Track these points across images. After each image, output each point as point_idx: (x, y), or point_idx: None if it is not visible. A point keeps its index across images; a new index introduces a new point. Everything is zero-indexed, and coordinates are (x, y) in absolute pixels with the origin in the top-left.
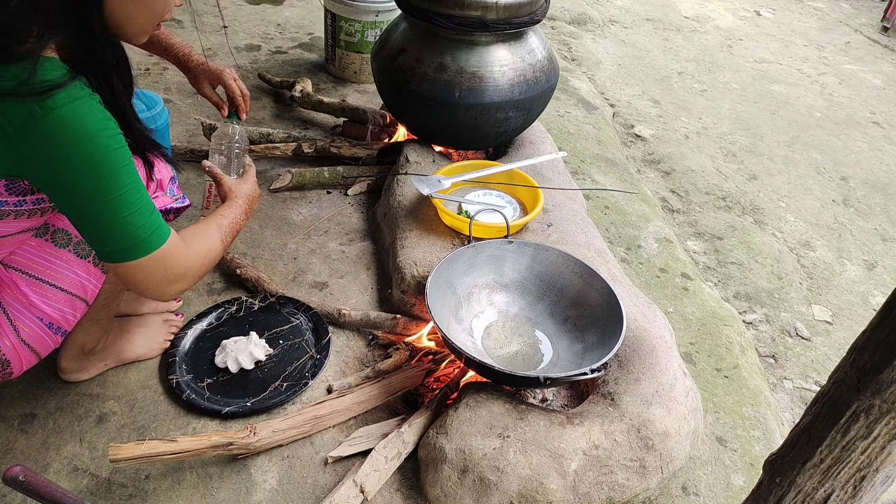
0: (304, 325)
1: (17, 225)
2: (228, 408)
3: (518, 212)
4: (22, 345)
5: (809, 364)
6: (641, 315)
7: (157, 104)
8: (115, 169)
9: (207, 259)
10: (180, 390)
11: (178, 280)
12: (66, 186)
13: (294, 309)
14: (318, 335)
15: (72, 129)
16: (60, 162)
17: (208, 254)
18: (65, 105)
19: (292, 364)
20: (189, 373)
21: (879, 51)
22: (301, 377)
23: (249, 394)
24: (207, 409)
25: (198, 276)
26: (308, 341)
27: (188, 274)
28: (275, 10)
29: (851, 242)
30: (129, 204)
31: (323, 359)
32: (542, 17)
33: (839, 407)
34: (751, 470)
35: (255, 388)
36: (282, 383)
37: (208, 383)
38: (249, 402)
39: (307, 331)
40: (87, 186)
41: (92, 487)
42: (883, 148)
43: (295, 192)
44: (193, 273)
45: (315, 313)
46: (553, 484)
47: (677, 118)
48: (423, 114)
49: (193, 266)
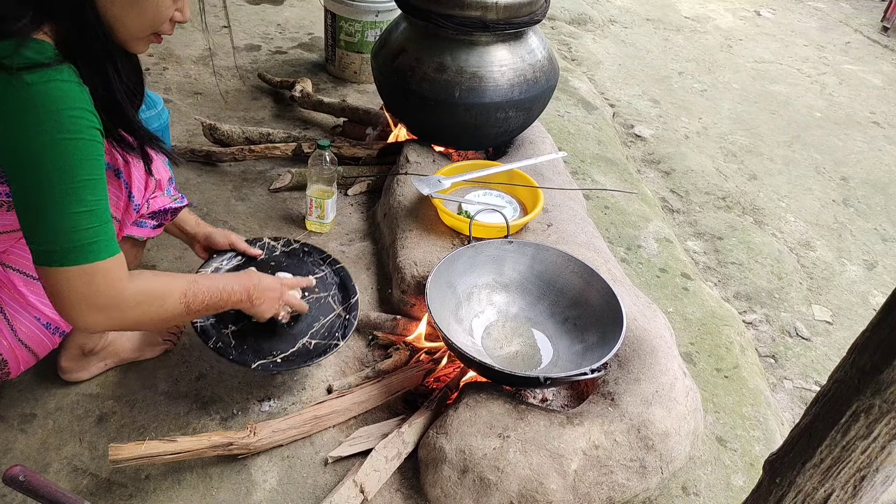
0: (330, 278)
1: (10, 218)
2: (259, 361)
3: (518, 212)
4: (19, 345)
5: (809, 364)
6: (641, 315)
7: (157, 104)
8: (75, 158)
9: (151, 306)
10: (206, 336)
11: (101, 310)
12: (19, 161)
13: (319, 259)
14: (346, 292)
15: (40, 105)
16: (19, 135)
17: (154, 300)
18: (40, 83)
19: (319, 321)
20: (213, 315)
21: (879, 51)
22: (330, 336)
23: (276, 347)
24: (237, 358)
25: (128, 319)
26: (335, 297)
27: (114, 307)
28: (275, 10)
29: (851, 242)
30: (79, 201)
31: (352, 319)
32: (542, 17)
33: (839, 407)
34: (751, 470)
35: (283, 342)
36: (310, 340)
37: (233, 330)
38: (279, 358)
39: (333, 285)
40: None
41: (92, 487)
42: (883, 148)
43: (295, 193)
44: (122, 311)
45: (342, 268)
46: (553, 484)
47: (677, 118)
48: (423, 114)
49: (125, 302)
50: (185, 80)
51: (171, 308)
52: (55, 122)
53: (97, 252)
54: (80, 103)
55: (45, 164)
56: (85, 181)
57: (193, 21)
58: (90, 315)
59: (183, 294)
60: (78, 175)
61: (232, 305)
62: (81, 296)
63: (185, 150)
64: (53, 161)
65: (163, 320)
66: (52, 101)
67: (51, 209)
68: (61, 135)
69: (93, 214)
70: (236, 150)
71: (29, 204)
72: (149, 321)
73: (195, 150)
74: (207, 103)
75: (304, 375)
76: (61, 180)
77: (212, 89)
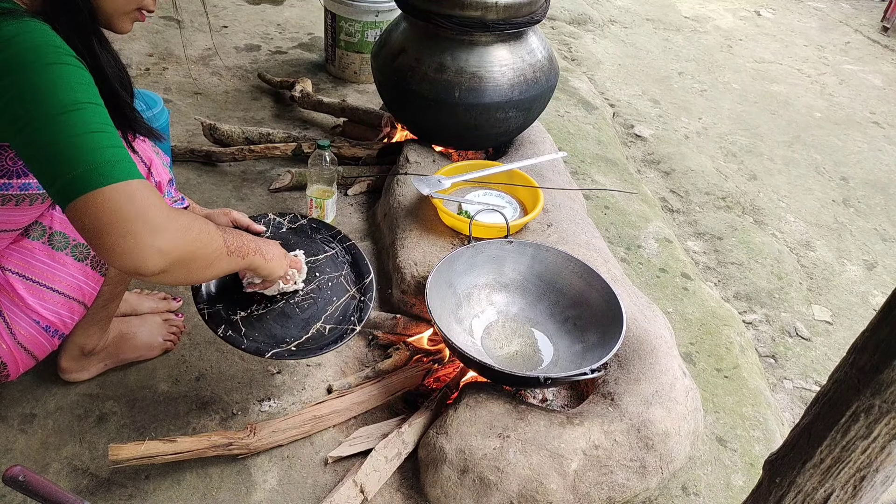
0: (342, 256)
1: (4, 213)
2: (273, 349)
3: (518, 212)
4: (18, 347)
5: (809, 364)
6: (641, 315)
7: (157, 104)
8: (67, 82)
9: (200, 233)
10: (215, 323)
11: (159, 231)
12: (12, 104)
13: (328, 236)
14: (359, 272)
15: (15, 42)
16: (4, 78)
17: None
18: (10, 25)
19: (332, 304)
20: (219, 301)
21: (879, 51)
22: (345, 321)
23: (289, 334)
24: (249, 347)
25: (186, 243)
26: (348, 277)
27: (170, 227)
28: (275, 10)
29: (851, 242)
30: (87, 123)
31: (368, 301)
32: (542, 17)
33: (839, 407)
34: (751, 470)
35: (296, 327)
36: (324, 325)
37: (242, 317)
38: (293, 346)
39: (345, 264)
40: (33, 100)
41: (92, 487)
42: (883, 148)
43: (295, 193)
44: (178, 231)
45: (353, 245)
46: (553, 484)
47: (677, 118)
48: (423, 114)
49: (177, 222)
50: (185, 79)
51: (216, 241)
52: (33, 52)
53: (125, 172)
54: (56, 38)
55: (37, 95)
56: (86, 104)
57: (194, 21)
58: (152, 240)
59: (217, 230)
60: (78, 99)
61: (250, 255)
62: (132, 218)
63: (185, 150)
64: (44, 88)
65: (210, 255)
66: (29, 38)
67: (59, 136)
68: (46, 62)
69: (106, 136)
70: (236, 151)
71: (34, 146)
72: (202, 253)
73: (195, 150)
74: (207, 103)
75: (305, 375)
76: (62, 106)
77: (212, 89)
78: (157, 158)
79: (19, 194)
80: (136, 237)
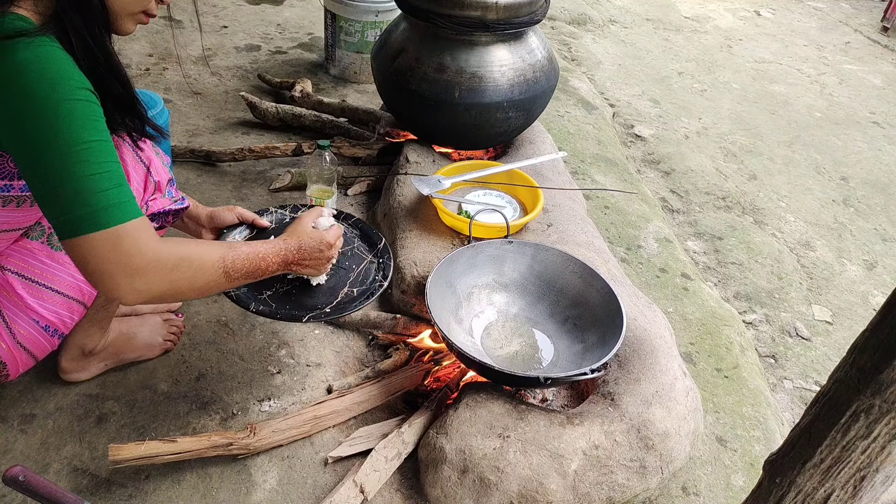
0: (350, 232)
1: (5, 214)
2: (310, 313)
3: (518, 212)
4: (18, 347)
5: (809, 364)
6: (641, 315)
7: (157, 104)
8: (76, 120)
9: (189, 269)
10: (243, 303)
11: (137, 274)
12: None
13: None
14: (370, 240)
15: (30, 72)
16: (15, 105)
17: (192, 263)
18: (26, 50)
19: (353, 271)
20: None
21: (879, 51)
22: (372, 280)
23: (320, 302)
24: (285, 315)
25: (168, 284)
26: (360, 248)
27: (152, 270)
28: (275, 10)
29: (851, 242)
30: (88, 164)
31: (388, 261)
32: (542, 17)
33: (839, 407)
34: (751, 470)
35: (324, 296)
36: (350, 290)
37: (268, 295)
38: (328, 308)
39: (354, 238)
40: (41, 134)
41: (92, 487)
42: (883, 148)
43: (295, 192)
44: (160, 273)
45: (358, 220)
46: (553, 484)
47: (677, 118)
48: (423, 114)
49: (162, 263)
50: (185, 80)
51: (211, 273)
52: (49, 86)
53: (119, 215)
54: (70, 66)
55: (45, 130)
56: (92, 143)
57: (193, 21)
58: (129, 282)
59: (221, 259)
60: (83, 137)
61: (270, 274)
62: (113, 262)
63: (185, 150)
64: (56, 127)
65: (203, 287)
66: (42, 67)
67: (61, 177)
68: (56, 98)
69: (106, 177)
70: (236, 151)
71: (38, 177)
72: (188, 288)
73: (195, 150)
74: (207, 103)
75: (305, 375)
76: (66, 145)
77: (212, 89)
78: (156, 159)
79: (21, 196)
80: (114, 279)
